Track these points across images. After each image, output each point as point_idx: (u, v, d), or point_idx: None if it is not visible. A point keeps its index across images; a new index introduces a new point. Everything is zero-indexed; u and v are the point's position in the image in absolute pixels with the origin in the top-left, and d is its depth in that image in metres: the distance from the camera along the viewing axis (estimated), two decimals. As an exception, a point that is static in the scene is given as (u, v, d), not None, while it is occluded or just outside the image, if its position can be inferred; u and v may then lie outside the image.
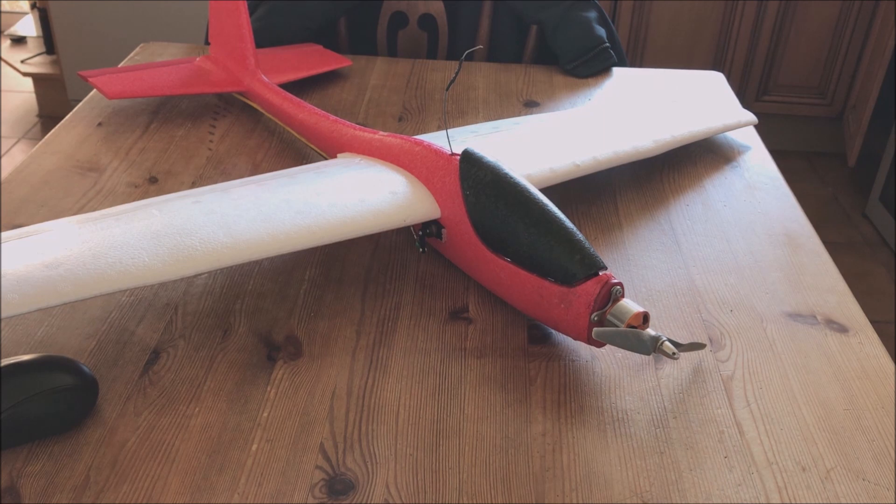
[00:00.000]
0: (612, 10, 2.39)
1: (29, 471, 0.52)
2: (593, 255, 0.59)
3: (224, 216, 0.62)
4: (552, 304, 0.60)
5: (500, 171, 0.64)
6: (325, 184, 0.69)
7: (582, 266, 0.59)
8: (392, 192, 0.67)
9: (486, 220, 0.63)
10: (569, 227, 0.61)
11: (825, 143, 2.68)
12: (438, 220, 0.66)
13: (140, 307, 0.66)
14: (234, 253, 0.59)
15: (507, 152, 0.75)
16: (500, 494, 0.52)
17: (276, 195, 0.66)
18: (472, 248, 0.64)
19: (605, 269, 0.59)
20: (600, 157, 0.78)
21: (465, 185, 0.64)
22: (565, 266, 0.59)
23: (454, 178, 0.65)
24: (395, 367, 0.61)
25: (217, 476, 0.52)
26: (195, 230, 0.60)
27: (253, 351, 0.62)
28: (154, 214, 0.63)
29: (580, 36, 1.11)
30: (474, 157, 0.66)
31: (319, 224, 0.63)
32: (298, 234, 0.62)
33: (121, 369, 0.60)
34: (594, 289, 0.58)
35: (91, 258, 0.57)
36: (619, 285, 0.58)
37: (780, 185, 0.87)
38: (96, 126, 0.93)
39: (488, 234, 0.63)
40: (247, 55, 0.92)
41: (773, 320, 0.66)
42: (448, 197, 0.65)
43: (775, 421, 0.57)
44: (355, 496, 0.51)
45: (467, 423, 0.57)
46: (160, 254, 0.58)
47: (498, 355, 0.62)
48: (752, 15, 2.42)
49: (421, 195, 0.66)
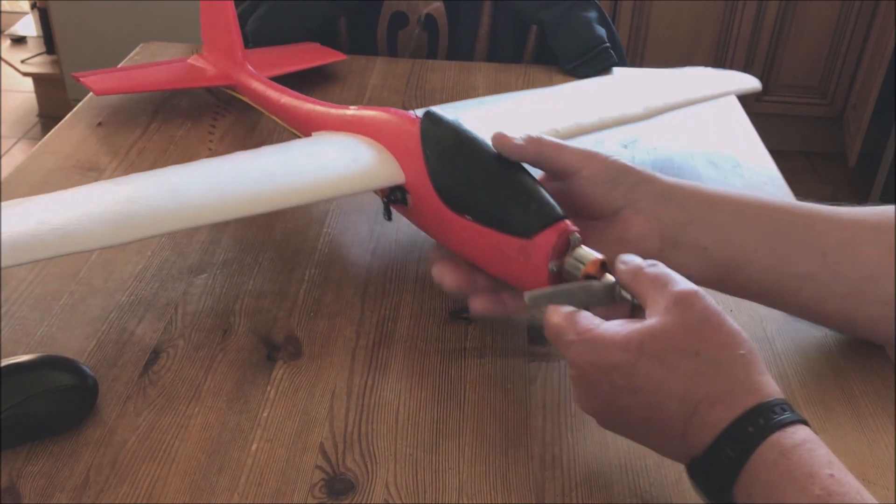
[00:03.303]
0: (612, 10, 2.39)
1: (29, 471, 0.52)
2: (551, 205, 0.57)
3: (174, 184, 0.62)
4: (512, 258, 0.58)
5: (460, 129, 0.63)
6: (286, 155, 0.68)
7: (539, 216, 0.56)
8: (354, 158, 0.66)
9: (447, 178, 0.61)
10: (527, 179, 0.59)
11: (825, 143, 2.68)
12: (403, 185, 0.65)
13: (140, 307, 0.66)
14: (178, 218, 0.59)
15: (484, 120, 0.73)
16: (500, 494, 0.52)
17: (234, 166, 0.66)
18: (435, 210, 0.62)
19: (563, 218, 0.57)
20: (584, 123, 0.76)
21: (425, 146, 0.63)
22: (522, 218, 0.57)
23: (417, 141, 0.64)
24: (395, 367, 0.61)
25: (217, 476, 0.52)
26: (142, 197, 0.60)
27: (253, 351, 0.62)
28: (108, 187, 0.63)
29: (580, 36, 1.11)
30: (435, 116, 0.64)
31: (273, 189, 0.62)
32: (249, 199, 0.61)
33: (121, 369, 0.60)
34: (551, 238, 0.55)
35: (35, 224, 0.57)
36: (578, 233, 0.56)
37: (781, 185, 0.87)
38: (96, 126, 0.93)
39: (449, 193, 0.61)
40: (234, 49, 0.94)
41: (773, 320, 0.66)
42: (411, 160, 0.64)
43: (775, 421, 0.57)
44: (355, 496, 0.51)
45: (467, 423, 0.57)
46: (103, 220, 0.58)
47: (498, 355, 0.62)
48: (752, 15, 2.42)
49: (384, 161, 0.65)
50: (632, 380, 0.46)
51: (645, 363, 0.46)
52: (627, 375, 0.46)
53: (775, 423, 0.44)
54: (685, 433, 0.46)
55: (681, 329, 0.46)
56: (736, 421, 0.44)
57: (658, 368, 0.46)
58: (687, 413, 0.45)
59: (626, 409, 0.48)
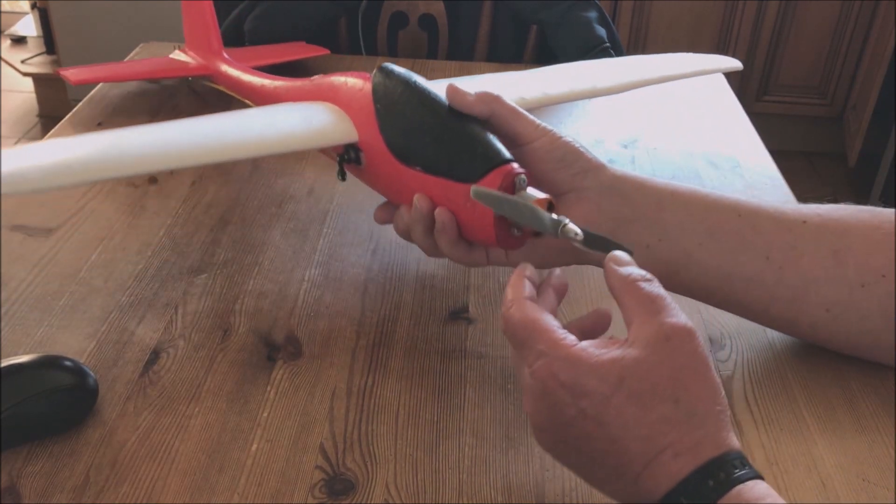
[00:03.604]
0: (612, 10, 2.39)
1: (29, 471, 0.52)
2: (496, 148, 0.56)
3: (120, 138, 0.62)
4: (459, 205, 0.57)
5: (410, 80, 0.62)
6: (241, 116, 0.68)
7: (483, 160, 0.55)
8: (306, 117, 0.66)
9: (396, 130, 0.61)
10: (475, 127, 0.58)
11: (825, 143, 2.68)
12: (356, 144, 0.64)
13: (140, 307, 0.66)
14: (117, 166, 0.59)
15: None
16: (500, 494, 0.52)
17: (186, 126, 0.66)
18: (386, 164, 0.61)
19: (509, 162, 0.56)
20: (552, 93, 0.76)
21: (376, 100, 0.62)
22: (468, 163, 0.56)
23: (369, 96, 0.63)
24: (395, 367, 0.61)
25: (217, 476, 0.52)
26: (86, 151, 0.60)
27: (253, 351, 0.62)
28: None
29: (580, 36, 1.11)
30: (386, 70, 0.64)
31: (220, 142, 0.63)
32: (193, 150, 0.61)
33: (121, 369, 0.60)
34: (496, 180, 0.55)
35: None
36: (523, 174, 0.55)
37: (781, 185, 0.87)
38: (96, 126, 0.93)
39: (398, 145, 0.60)
40: (211, 41, 0.97)
41: (774, 320, 0.66)
42: (364, 117, 0.63)
43: (775, 421, 0.57)
44: (355, 496, 0.51)
45: (467, 423, 0.57)
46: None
47: (498, 355, 0.62)
48: (752, 15, 2.42)
49: (337, 120, 0.65)
50: (601, 410, 0.43)
51: (620, 398, 0.43)
52: (598, 405, 0.43)
53: (735, 477, 0.42)
54: (639, 477, 0.43)
55: (666, 371, 0.43)
56: (696, 471, 0.42)
57: (633, 406, 0.43)
58: (648, 456, 0.43)
59: (585, 437, 0.44)
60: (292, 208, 0.80)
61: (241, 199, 0.81)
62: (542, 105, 0.75)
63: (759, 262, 0.58)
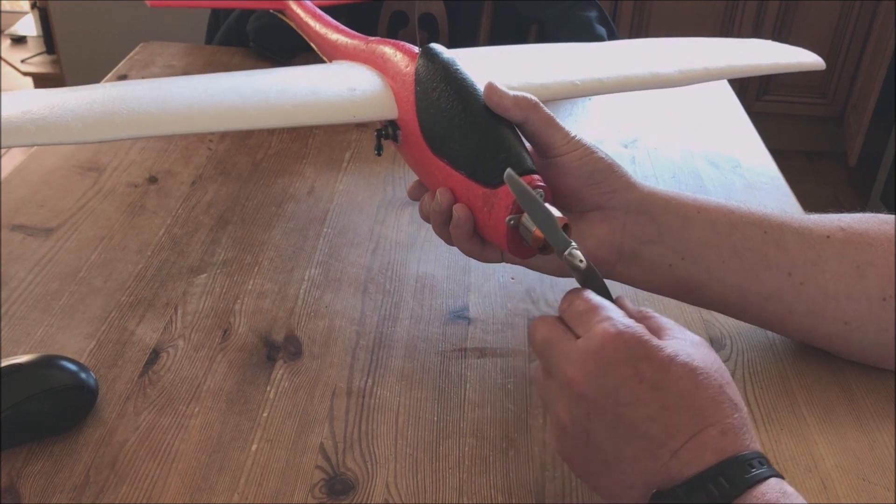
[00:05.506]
0: (612, 9, 2.39)
1: (29, 471, 0.52)
2: (521, 157, 0.55)
3: (167, 92, 0.61)
4: (478, 206, 0.56)
5: (452, 68, 0.60)
6: (286, 76, 0.66)
7: (505, 167, 0.54)
8: (351, 88, 0.64)
9: (431, 117, 0.59)
10: (505, 130, 0.57)
11: (826, 143, 2.68)
12: (395, 120, 0.62)
13: (140, 307, 0.66)
14: (157, 122, 0.57)
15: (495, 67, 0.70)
16: (500, 494, 0.52)
17: (231, 82, 0.64)
18: (419, 149, 0.60)
19: (532, 172, 0.54)
20: (605, 79, 0.70)
21: (417, 81, 0.61)
22: (490, 167, 0.55)
23: (412, 76, 0.62)
24: (395, 367, 0.61)
25: (217, 476, 0.52)
26: (130, 99, 0.59)
27: (253, 351, 0.62)
28: (105, 89, 0.62)
29: (580, 35, 1.11)
30: (432, 52, 0.61)
31: (260, 106, 0.60)
32: (232, 113, 0.59)
33: (121, 369, 0.60)
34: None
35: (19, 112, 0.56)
36: (542, 189, 0.54)
37: (781, 184, 0.87)
38: (96, 126, 0.93)
39: (431, 132, 0.59)
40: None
41: (774, 320, 0.66)
42: (405, 95, 0.62)
43: (775, 421, 0.57)
44: (355, 496, 0.51)
45: (467, 423, 0.57)
46: (84, 115, 0.56)
47: (498, 355, 0.62)
48: (752, 15, 2.42)
49: (381, 94, 0.63)
50: (660, 376, 0.44)
51: (681, 370, 0.44)
52: (658, 371, 0.44)
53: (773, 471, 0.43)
54: (678, 452, 0.43)
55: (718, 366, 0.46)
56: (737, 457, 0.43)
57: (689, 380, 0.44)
58: (696, 429, 0.43)
59: (633, 403, 0.44)
60: (292, 208, 0.80)
61: (241, 199, 0.81)
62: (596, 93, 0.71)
63: (781, 278, 0.58)
